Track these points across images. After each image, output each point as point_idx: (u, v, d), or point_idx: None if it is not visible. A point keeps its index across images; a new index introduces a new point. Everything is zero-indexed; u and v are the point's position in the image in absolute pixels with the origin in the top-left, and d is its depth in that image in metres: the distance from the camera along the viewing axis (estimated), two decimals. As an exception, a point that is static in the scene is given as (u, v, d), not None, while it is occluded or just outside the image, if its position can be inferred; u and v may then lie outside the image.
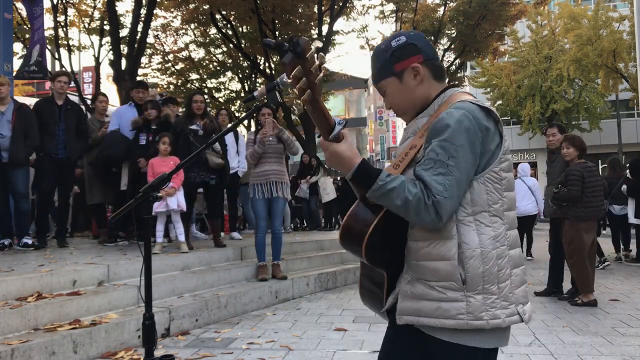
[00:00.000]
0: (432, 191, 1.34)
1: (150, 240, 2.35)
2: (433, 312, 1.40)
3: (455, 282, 1.38)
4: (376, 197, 1.39)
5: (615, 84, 23.12)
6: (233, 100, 20.27)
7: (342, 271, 6.77)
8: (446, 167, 1.35)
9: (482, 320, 1.37)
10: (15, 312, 3.31)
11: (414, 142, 1.48)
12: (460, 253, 1.38)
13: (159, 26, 17.82)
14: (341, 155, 1.41)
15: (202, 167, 5.86)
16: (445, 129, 1.37)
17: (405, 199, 1.34)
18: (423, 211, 1.35)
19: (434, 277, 1.41)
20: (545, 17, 25.97)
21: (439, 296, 1.40)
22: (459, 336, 1.39)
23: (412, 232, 1.47)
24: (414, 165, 1.44)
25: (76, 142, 5.89)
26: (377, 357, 1.67)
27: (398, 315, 1.49)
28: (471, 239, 1.39)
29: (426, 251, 1.42)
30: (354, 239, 1.46)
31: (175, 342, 3.96)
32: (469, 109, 1.40)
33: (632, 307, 5.17)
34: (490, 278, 1.38)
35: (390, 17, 19.10)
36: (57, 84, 5.87)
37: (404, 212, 1.38)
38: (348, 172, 1.42)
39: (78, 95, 14.55)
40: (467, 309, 1.37)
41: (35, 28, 9.39)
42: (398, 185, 1.35)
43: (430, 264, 1.42)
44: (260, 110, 5.42)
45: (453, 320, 1.38)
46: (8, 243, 5.56)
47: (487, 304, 1.37)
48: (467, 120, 1.37)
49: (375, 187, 1.37)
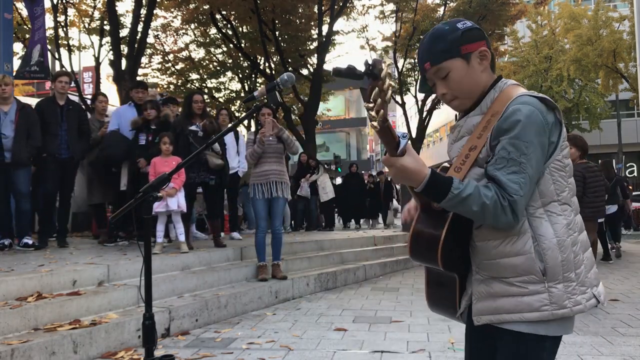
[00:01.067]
0: (508, 191, 1.33)
1: (150, 240, 2.35)
2: (515, 308, 1.41)
3: (535, 275, 1.39)
4: (451, 206, 1.37)
5: (615, 84, 23.15)
6: (233, 100, 20.29)
7: (342, 271, 6.77)
8: (519, 164, 1.34)
9: (566, 308, 1.39)
10: (15, 312, 3.31)
11: (472, 142, 1.46)
12: (537, 246, 1.39)
13: (159, 26, 17.84)
14: (408, 169, 1.36)
15: (202, 167, 5.87)
16: (515, 126, 1.36)
17: (483, 204, 1.33)
18: (500, 213, 1.34)
19: (511, 274, 1.41)
20: (545, 17, 25.99)
21: (519, 291, 1.41)
22: (537, 326, 1.41)
23: (480, 232, 1.46)
24: (475, 167, 1.44)
25: (78, 142, 5.90)
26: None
27: (476, 317, 1.49)
28: (545, 230, 1.40)
29: (500, 249, 1.42)
30: (426, 246, 1.46)
31: (175, 342, 3.96)
32: (533, 103, 1.38)
33: (632, 307, 5.17)
34: (569, 266, 1.40)
35: (390, 17, 19.10)
36: (58, 84, 5.87)
37: (480, 217, 1.37)
38: (419, 185, 1.37)
39: (78, 95, 14.54)
40: (551, 300, 1.39)
41: (36, 28, 9.39)
42: (473, 192, 1.34)
43: (506, 260, 1.42)
44: (260, 110, 5.42)
45: (537, 313, 1.39)
46: (8, 243, 5.56)
47: (568, 291, 1.39)
48: (534, 116, 1.36)
49: (450, 196, 1.34)
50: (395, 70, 20.30)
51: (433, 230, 1.45)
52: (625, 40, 22.26)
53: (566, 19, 24.48)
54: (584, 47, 22.29)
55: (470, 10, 17.14)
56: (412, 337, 4.09)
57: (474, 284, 1.51)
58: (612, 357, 3.53)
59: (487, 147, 1.42)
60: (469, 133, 1.49)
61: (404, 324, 4.54)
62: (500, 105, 1.42)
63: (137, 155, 5.89)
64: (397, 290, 6.31)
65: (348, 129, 51.11)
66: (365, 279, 7.18)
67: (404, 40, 19.00)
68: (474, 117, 1.49)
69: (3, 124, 5.44)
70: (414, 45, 19.41)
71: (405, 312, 5.00)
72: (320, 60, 15.14)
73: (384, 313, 4.99)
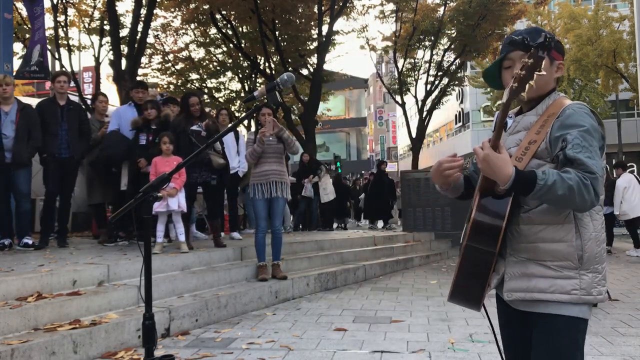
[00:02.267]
0: (590, 169, 1.46)
1: (150, 240, 2.35)
2: (547, 288, 1.57)
3: (572, 262, 1.56)
4: (539, 197, 1.49)
5: (615, 84, 23.14)
6: (233, 100, 20.28)
7: (342, 271, 6.77)
8: (591, 152, 1.49)
9: (592, 295, 1.56)
10: (15, 312, 3.31)
11: (531, 137, 1.62)
12: (578, 236, 1.56)
13: (159, 26, 17.83)
14: (495, 162, 1.50)
15: (203, 167, 5.86)
16: (581, 122, 1.54)
17: (569, 186, 1.44)
18: (584, 192, 1.45)
19: (550, 257, 1.58)
20: (545, 17, 25.96)
21: (554, 274, 1.57)
22: (568, 309, 1.56)
23: (528, 216, 1.60)
24: (534, 159, 1.60)
25: (79, 142, 5.89)
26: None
27: (507, 292, 1.64)
28: (587, 224, 1.57)
29: (542, 234, 1.58)
30: (487, 233, 1.58)
31: (175, 342, 3.96)
32: (588, 110, 1.60)
33: (632, 307, 5.17)
34: (599, 259, 1.58)
35: (390, 17, 19.11)
36: (57, 84, 5.88)
37: (567, 200, 1.46)
38: (504, 182, 1.50)
39: (78, 95, 14.53)
40: (581, 285, 1.56)
41: (36, 28, 9.38)
42: (557, 178, 1.45)
43: (546, 245, 1.58)
44: (260, 110, 5.42)
45: (568, 295, 1.56)
46: (8, 243, 5.56)
47: (595, 281, 1.57)
48: (592, 119, 1.57)
49: (537, 187, 1.45)
50: (395, 70, 20.31)
51: (493, 220, 1.58)
52: (625, 40, 22.25)
53: (566, 19, 24.46)
54: (584, 47, 22.28)
55: (470, 10, 17.14)
56: (412, 337, 4.09)
57: (508, 264, 1.65)
58: (612, 357, 3.53)
59: (547, 141, 1.58)
60: (525, 129, 1.66)
61: (404, 324, 4.54)
62: (555, 109, 1.62)
63: (138, 155, 5.89)
64: (397, 290, 6.31)
65: (348, 129, 51.13)
66: (365, 279, 7.18)
67: (404, 40, 19.00)
68: (530, 117, 1.67)
69: (4, 124, 5.44)
70: (414, 45, 19.43)
71: (405, 312, 5.00)
72: (320, 60, 15.14)
73: (384, 313, 4.99)
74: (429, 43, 19.22)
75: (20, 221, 5.71)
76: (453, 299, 1.72)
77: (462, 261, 1.66)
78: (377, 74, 26.11)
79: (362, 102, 53.60)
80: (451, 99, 27.62)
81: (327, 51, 15.58)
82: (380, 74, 24.73)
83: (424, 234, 10.86)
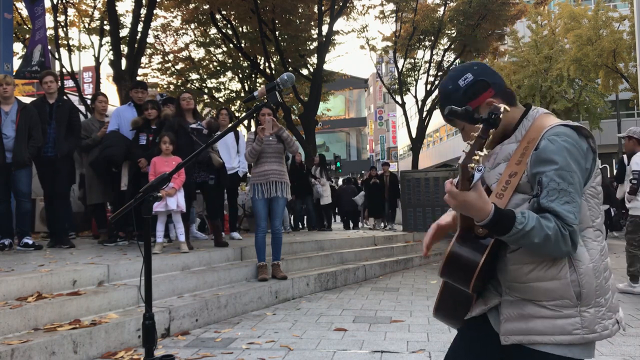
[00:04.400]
0: (567, 221, 1.36)
1: (150, 240, 2.35)
2: (547, 330, 1.44)
3: (569, 300, 1.43)
4: (514, 240, 1.39)
5: (615, 84, 23.14)
6: (233, 100, 20.29)
7: (342, 271, 6.77)
8: (569, 194, 1.38)
9: (595, 332, 1.43)
10: (15, 312, 3.31)
11: (511, 169, 1.49)
12: (572, 271, 1.42)
13: (159, 26, 17.84)
14: (471, 205, 1.38)
15: (202, 167, 5.86)
16: (556, 157, 1.40)
17: (546, 235, 1.35)
18: (561, 243, 1.37)
19: (545, 297, 1.45)
20: (545, 17, 25.98)
21: (552, 314, 1.44)
22: (564, 349, 1.44)
23: (514, 256, 1.48)
24: (516, 193, 1.47)
25: (64, 140, 5.82)
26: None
27: (504, 336, 1.51)
28: (582, 255, 1.43)
29: (534, 274, 1.45)
30: (462, 270, 1.49)
31: (175, 342, 3.96)
32: (568, 134, 1.43)
33: (632, 307, 5.17)
34: (601, 291, 1.45)
35: (390, 17, 19.12)
36: (44, 85, 5.89)
37: (540, 248, 1.38)
38: (482, 220, 1.39)
39: (78, 95, 14.55)
40: (582, 324, 1.42)
41: (37, 28, 9.38)
42: (536, 224, 1.36)
43: (540, 284, 1.45)
44: (260, 110, 5.41)
45: (569, 336, 1.42)
46: (8, 243, 5.56)
47: (598, 316, 1.44)
48: (572, 146, 1.41)
49: (514, 231, 1.36)
50: (395, 70, 20.31)
51: (471, 256, 1.48)
52: (625, 40, 22.25)
53: (566, 19, 24.46)
54: (584, 47, 22.28)
55: (470, 10, 17.15)
56: (412, 337, 4.09)
57: (503, 304, 1.54)
58: (612, 357, 3.53)
59: (527, 174, 1.45)
60: (505, 160, 1.53)
61: (404, 324, 4.54)
62: (535, 133, 1.47)
63: (138, 156, 5.89)
64: (397, 290, 6.31)
65: (348, 129, 51.17)
66: (365, 279, 7.18)
67: (404, 40, 19.01)
68: (509, 145, 1.54)
69: (4, 124, 5.44)
70: (414, 45, 19.44)
71: (405, 312, 5.00)
72: (320, 60, 15.14)
73: (384, 313, 4.99)
74: (429, 43, 19.23)
75: (21, 221, 5.71)
76: (437, 317, 1.70)
77: (442, 290, 1.63)
78: (377, 74, 26.12)
79: (362, 102, 53.63)
80: (451, 99, 27.46)
81: (327, 51, 15.59)
82: (380, 74, 24.74)
83: (424, 234, 10.79)
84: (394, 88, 21.26)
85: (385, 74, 29.43)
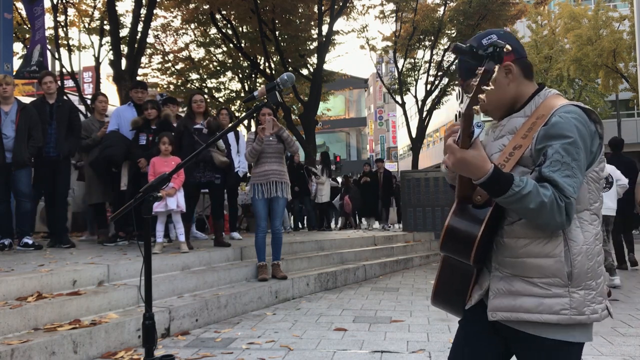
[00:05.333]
0: (565, 192, 1.36)
1: (150, 240, 2.34)
2: (535, 308, 1.43)
3: (560, 279, 1.42)
4: (509, 202, 1.39)
5: (615, 84, 23.16)
6: (233, 100, 20.28)
7: (342, 271, 6.77)
8: (571, 169, 1.38)
9: (584, 315, 1.42)
10: (15, 312, 3.31)
11: (516, 142, 1.49)
12: (567, 250, 1.42)
13: (159, 26, 17.83)
14: (469, 162, 1.39)
15: (207, 166, 5.86)
16: (566, 132, 1.40)
17: (541, 202, 1.35)
18: (556, 213, 1.36)
19: (536, 274, 1.44)
20: (545, 17, 26.00)
21: (541, 292, 1.44)
22: (557, 332, 1.44)
23: (512, 229, 1.48)
24: (518, 165, 1.48)
25: (65, 141, 5.84)
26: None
27: (491, 312, 1.51)
28: (577, 236, 1.43)
29: (528, 249, 1.45)
30: (462, 242, 1.48)
31: (175, 342, 3.96)
32: (580, 113, 1.43)
33: (632, 307, 5.17)
34: (592, 274, 1.44)
35: (390, 17, 19.11)
36: (44, 85, 5.90)
37: (535, 215, 1.38)
38: (480, 179, 1.39)
39: (78, 95, 14.55)
40: (571, 304, 1.41)
41: (36, 28, 9.39)
42: (533, 189, 1.35)
43: (532, 260, 1.44)
44: (260, 110, 5.41)
45: (556, 316, 1.42)
46: (8, 243, 5.56)
47: (588, 299, 1.43)
48: (582, 125, 1.42)
49: (510, 192, 1.36)
50: (395, 70, 20.31)
51: (470, 228, 1.48)
52: (625, 40, 22.28)
53: (566, 19, 24.48)
54: (584, 47, 22.30)
55: (470, 10, 17.15)
56: (412, 337, 4.09)
57: (492, 280, 1.53)
58: (612, 357, 3.53)
59: (532, 148, 1.45)
60: (511, 133, 1.53)
61: (404, 324, 4.54)
62: (545, 110, 1.47)
63: (138, 155, 5.89)
64: (397, 290, 6.31)
65: (348, 129, 51.15)
66: (365, 279, 7.18)
67: (404, 40, 19.00)
68: (517, 119, 1.53)
69: (4, 124, 5.44)
70: (414, 45, 19.43)
71: (405, 312, 5.00)
72: (320, 60, 15.14)
73: (384, 313, 4.99)
74: (429, 43, 19.22)
75: (21, 221, 5.71)
76: (435, 304, 1.68)
77: (441, 269, 1.62)
78: (377, 74, 26.11)
79: (362, 102, 53.62)
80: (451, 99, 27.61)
81: (327, 51, 15.59)
82: (380, 74, 24.74)
83: (424, 234, 10.86)
84: (394, 88, 21.26)
85: (385, 74, 29.42)
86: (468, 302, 1.58)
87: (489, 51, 1.35)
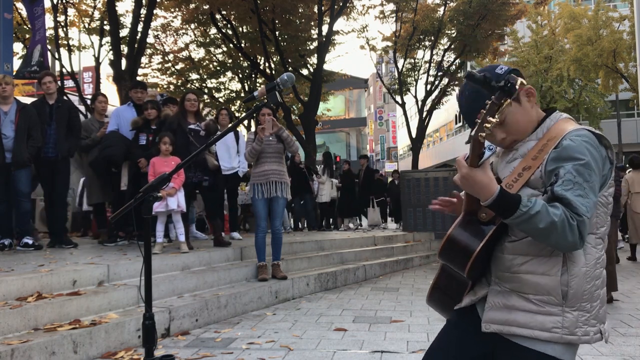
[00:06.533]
0: (578, 211, 1.34)
1: (150, 240, 2.34)
2: (527, 323, 1.46)
3: (555, 297, 1.44)
4: (518, 223, 1.38)
5: (615, 84, 23.16)
6: (233, 100, 20.28)
7: (342, 271, 6.77)
8: (584, 189, 1.37)
9: (575, 335, 1.44)
10: (15, 312, 3.31)
11: (526, 163, 1.49)
12: (565, 270, 1.43)
13: (159, 26, 17.83)
14: (476, 181, 1.40)
15: (198, 168, 5.87)
16: (578, 154, 1.40)
17: (551, 221, 1.33)
18: (568, 232, 1.34)
19: (532, 291, 1.46)
20: (545, 17, 25.98)
21: (535, 309, 1.46)
22: (546, 346, 1.45)
23: (514, 245, 1.49)
24: (526, 187, 1.48)
25: (66, 140, 5.84)
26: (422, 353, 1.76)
27: (485, 324, 1.54)
28: (578, 258, 1.44)
29: (527, 266, 1.46)
30: (460, 254, 1.51)
31: (175, 342, 3.96)
32: (591, 137, 1.45)
33: (632, 307, 5.17)
34: (589, 297, 1.45)
35: (390, 17, 19.11)
36: (43, 86, 5.90)
37: (545, 235, 1.36)
38: (486, 200, 1.40)
39: (78, 95, 14.55)
40: (563, 324, 1.43)
41: (37, 28, 9.39)
42: (542, 209, 1.34)
43: (530, 277, 1.46)
44: (260, 110, 5.41)
45: (548, 333, 1.44)
46: (8, 243, 5.56)
47: (581, 320, 1.44)
48: (593, 149, 1.42)
49: (518, 213, 1.35)
50: (395, 70, 20.31)
51: (470, 241, 1.50)
52: (625, 40, 22.27)
53: (566, 19, 24.46)
54: (584, 47, 22.29)
55: (470, 10, 17.14)
56: (412, 337, 4.09)
57: (490, 292, 1.55)
58: (612, 357, 3.53)
59: (542, 170, 1.46)
60: (522, 156, 1.54)
61: (404, 324, 4.54)
62: (556, 133, 1.48)
63: (138, 155, 5.88)
64: (397, 290, 6.31)
65: (348, 129, 51.12)
66: (365, 279, 7.19)
67: (404, 40, 19.00)
68: (529, 142, 1.54)
69: (3, 124, 5.44)
70: (414, 45, 19.43)
71: (405, 312, 5.00)
72: (320, 60, 15.14)
73: (384, 313, 4.99)
74: (429, 43, 19.22)
75: (21, 221, 5.71)
76: (430, 304, 1.73)
77: (438, 276, 1.66)
78: (377, 74, 26.11)
79: (362, 102, 53.62)
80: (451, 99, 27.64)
81: (327, 51, 15.58)
82: (380, 74, 24.74)
83: (424, 234, 10.86)
84: (394, 88, 21.25)
85: (385, 74, 29.42)
86: (458, 304, 1.62)
87: (501, 85, 1.36)
